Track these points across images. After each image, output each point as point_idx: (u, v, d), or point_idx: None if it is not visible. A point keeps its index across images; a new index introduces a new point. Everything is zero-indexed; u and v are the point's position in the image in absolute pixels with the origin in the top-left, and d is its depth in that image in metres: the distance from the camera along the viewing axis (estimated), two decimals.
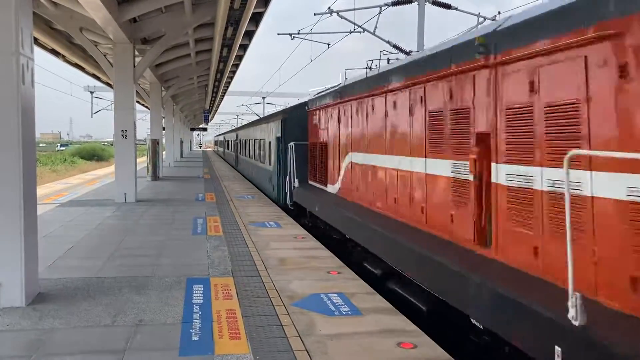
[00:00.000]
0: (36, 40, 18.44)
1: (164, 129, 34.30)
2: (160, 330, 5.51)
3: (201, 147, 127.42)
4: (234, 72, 33.54)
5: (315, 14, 18.36)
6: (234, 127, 61.66)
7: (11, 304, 6.16)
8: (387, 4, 15.56)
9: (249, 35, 21.41)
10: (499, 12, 18.61)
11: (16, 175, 6.16)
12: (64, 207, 15.24)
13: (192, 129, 73.18)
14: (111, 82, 17.66)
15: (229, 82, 39.85)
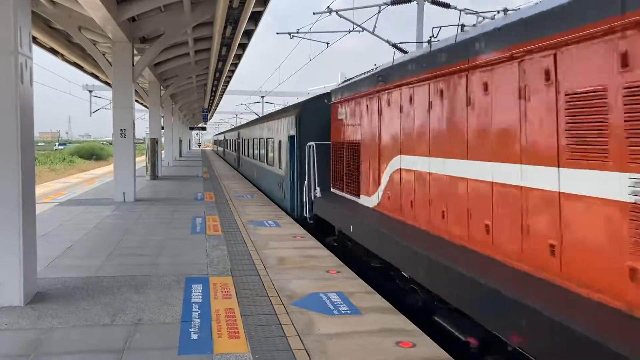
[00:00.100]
0: (35, 39, 18.43)
1: (162, 128, 34.29)
2: (159, 329, 5.51)
3: (200, 146, 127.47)
4: (232, 71, 33.52)
5: (314, 13, 18.37)
6: (233, 126, 61.14)
7: (10, 303, 6.17)
8: (386, 3, 15.56)
9: (248, 34, 21.39)
10: (498, 12, 18.64)
11: (15, 174, 6.16)
12: (63, 206, 15.23)
13: (191, 128, 73.19)
14: (110, 81, 17.65)
15: (228, 81, 39.82)
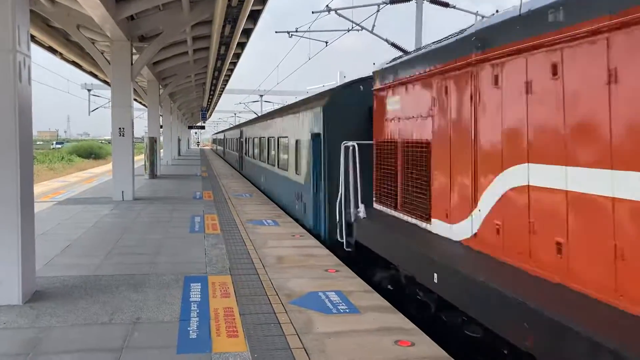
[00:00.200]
0: (33, 37, 18.39)
1: (161, 127, 34.25)
2: (157, 328, 5.51)
3: (199, 145, 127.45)
4: (231, 70, 33.48)
5: (313, 12, 18.37)
6: (232, 125, 60.53)
7: (8, 302, 6.16)
8: (385, 2, 15.57)
9: (247, 33, 21.36)
10: (497, 11, 18.65)
11: (13, 173, 6.15)
12: (62, 205, 15.22)
13: (190, 127, 73.12)
14: (109, 79, 17.62)
15: (227, 80, 39.77)
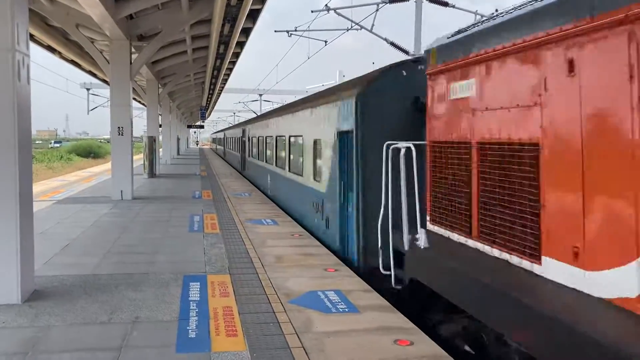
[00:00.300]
0: (32, 36, 18.37)
1: (160, 126, 34.23)
2: (156, 327, 5.51)
3: (198, 144, 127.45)
4: (230, 70, 33.47)
5: (312, 11, 18.39)
6: (232, 124, 60.12)
7: (7, 301, 6.16)
8: (384, 2, 15.57)
9: (246, 32, 21.35)
10: (496, 10, 18.68)
11: (12, 172, 6.14)
12: (61, 204, 15.21)
13: (189, 126, 73.06)
14: (107, 79, 17.61)
15: (226, 80, 39.76)
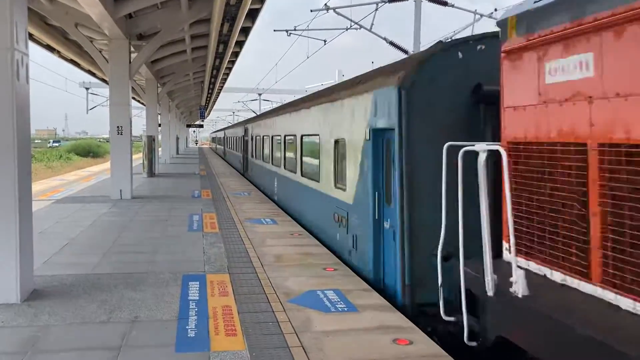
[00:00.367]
0: (31, 35, 18.35)
1: (159, 125, 34.21)
2: (156, 326, 5.51)
3: (197, 144, 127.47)
4: (230, 69, 33.46)
5: (311, 11, 18.40)
6: (231, 124, 59.84)
7: (6, 301, 6.16)
8: (383, 1, 15.58)
9: (245, 31, 21.34)
10: (495, 9, 18.70)
11: (11, 171, 6.14)
12: (60, 203, 15.20)
13: (188, 126, 73.01)
14: (107, 78, 17.60)
15: (225, 79, 39.74)
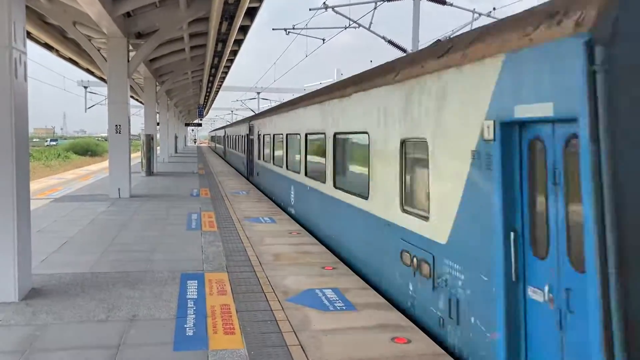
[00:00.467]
0: (29, 34, 18.31)
1: (158, 124, 34.17)
2: (154, 325, 5.51)
3: (196, 142, 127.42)
4: (228, 67, 33.42)
5: (310, 9, 18.38)
6: (228, 123, 59.47)
7: (4, 299, 6.15)
8: (382, 0, 15.57)
9: (244, 30, 21.31)
10: (494, 8, 18.70)
11: (9, 170, 6.13)
12: (58, 202, 15.18)
13: (187, 125, 73.00)
14: (105, 76, 17.58)
15: (224, 77, 39.71)
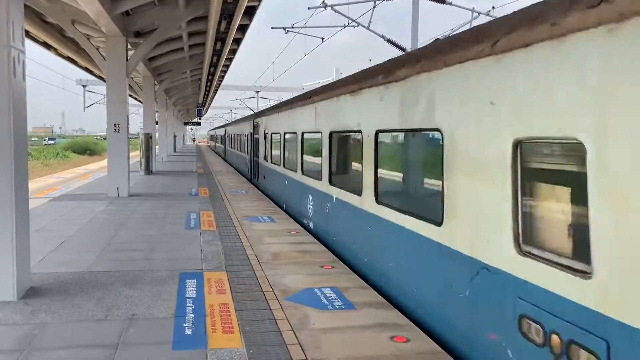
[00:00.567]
0: (27, 33, 18.29)
1: (157, 123, 34.16)
2: (153, 324, 5.50)
3: (194, 141, 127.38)
4: (227, 66, 33.39)
5: (309, 8, 18.37)
6: (227, 122, 59.35)
7: (3, 298, 6.14)
8: None
9: (243, 29, 21.30)
10: (493, 7, 18.70)
11: (7, 169, 6.12)
12: (56, 201, 15.16)
13: (186, 123, 73.03)
14: (104, 75, 17.55)
15: (223, 76, 39.70)
